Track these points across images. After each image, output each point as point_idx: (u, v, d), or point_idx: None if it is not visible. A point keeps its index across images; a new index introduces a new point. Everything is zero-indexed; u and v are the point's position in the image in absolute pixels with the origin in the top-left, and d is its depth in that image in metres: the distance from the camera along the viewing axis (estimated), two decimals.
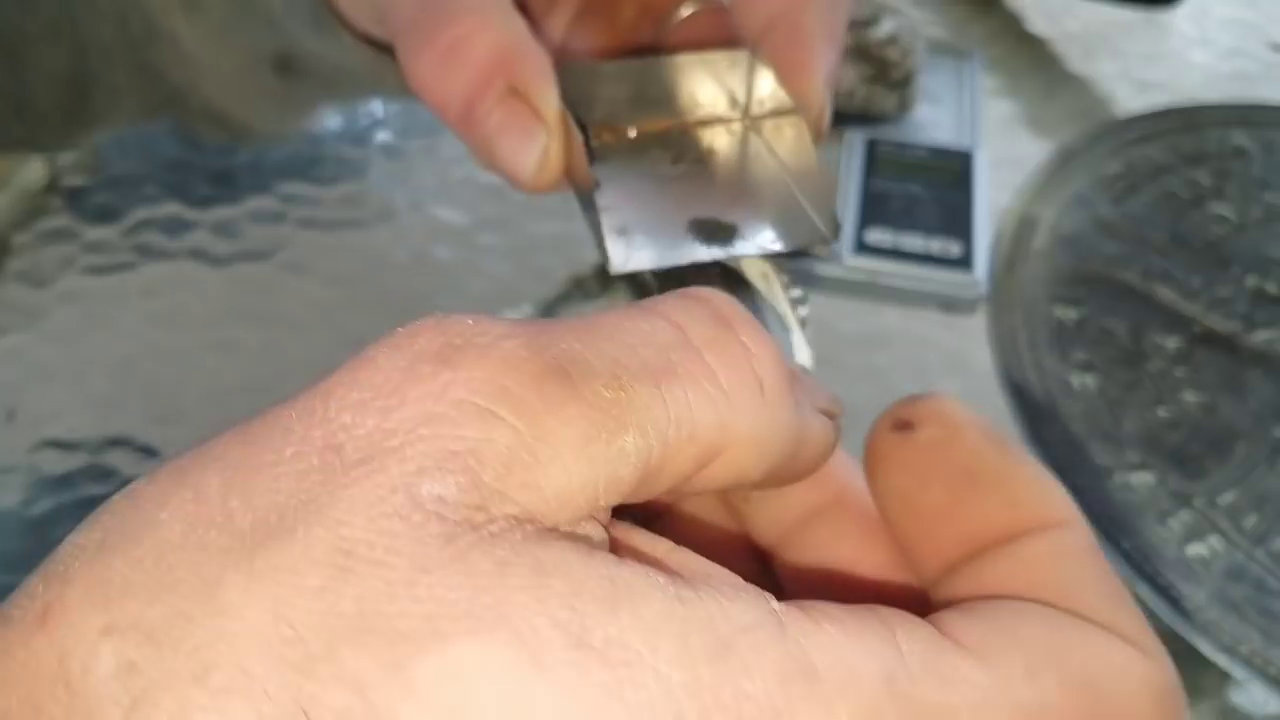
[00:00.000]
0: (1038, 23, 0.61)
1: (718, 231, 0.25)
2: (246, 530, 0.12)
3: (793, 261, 0.47)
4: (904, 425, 0.17)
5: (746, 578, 0.14)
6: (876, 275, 0.46)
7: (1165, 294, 0.46)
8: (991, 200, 0.49)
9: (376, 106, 0.53)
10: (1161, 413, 0.41)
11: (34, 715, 0.12)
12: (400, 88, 0.35)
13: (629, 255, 0.24)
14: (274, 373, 0.42)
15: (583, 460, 0.13)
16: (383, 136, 0.52)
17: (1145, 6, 0.61)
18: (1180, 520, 0.38)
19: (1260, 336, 0.44)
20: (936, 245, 0.46)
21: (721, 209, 0.26)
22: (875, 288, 0.46)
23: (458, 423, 0.13)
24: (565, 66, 0.26)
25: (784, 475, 0.17)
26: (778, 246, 0.25)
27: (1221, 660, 0.34)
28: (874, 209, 0.47)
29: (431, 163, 0.51)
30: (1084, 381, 0.42)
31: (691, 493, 0.16)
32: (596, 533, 0.14)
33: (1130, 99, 0.56)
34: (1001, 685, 0.13)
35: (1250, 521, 0.38)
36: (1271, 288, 0.46)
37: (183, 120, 0.41)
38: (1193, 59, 0.59)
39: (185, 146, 0.50)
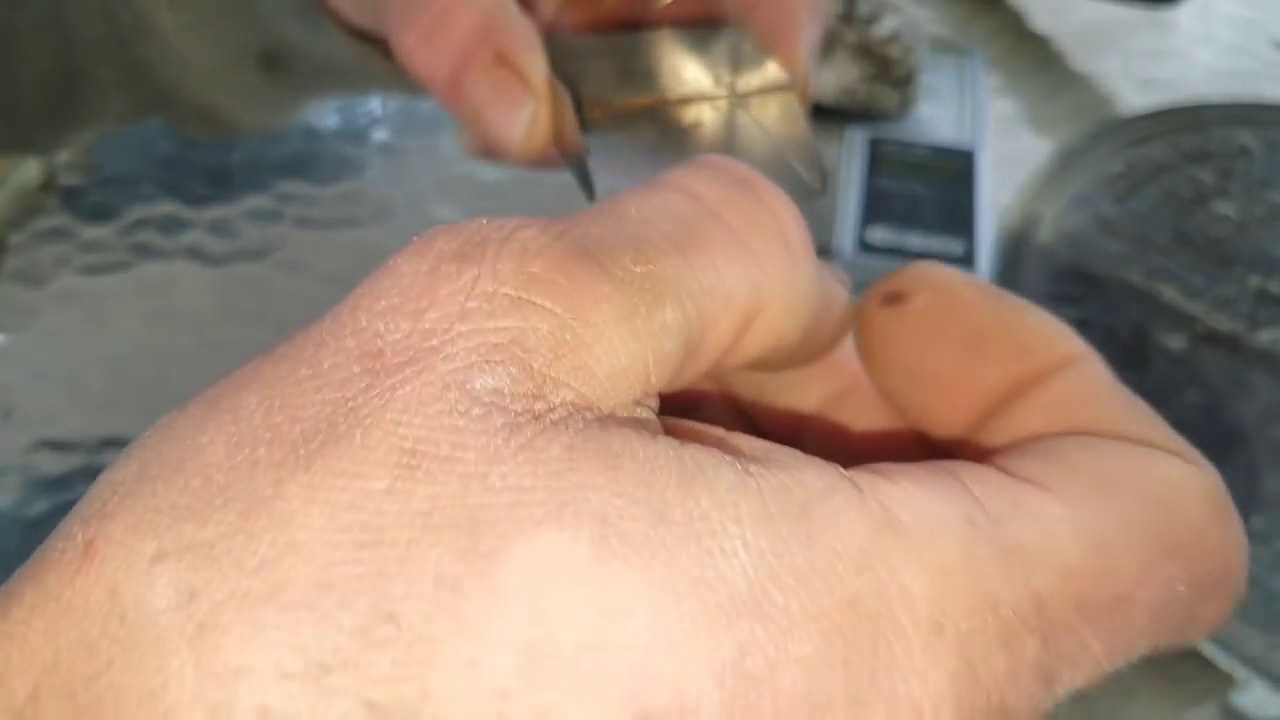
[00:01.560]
0: (1040, 20, 0.60)
1: None
2: (298, 440, 0.12)
3: None
4: (896, 298, 0.17)
5: None
6: (878, 274, 0.45)
7: (1168, 293, 0.45)
8: (993, 199, 0.49)
9: (374, 105, 0.53)
10: (1164, 413, 0.41)
11: (87, 657, 0.11)
12: (388, 81, 0.35)
13: None
14: None
15: (627, 336, 0.13)
16: (380, 135, 0.52)
17: (1148, 5, 0.60)
18: None
19: (1264, 336, 0.44)
20: (938, 244, 0.46)
21: None
22: None
23: (493, 315, 0.12)
24: (553, 41, 0.27)
25: (813, 345, 0.17)
26: None
27: (1223, 662, 0.34)
28: (876, 207, 0.47)
29: (429, 161, 0.51)
30: None
31: (733, 366, 0.15)
32: (651, 418, 0.13)
33: (1133, 97, 0.56)
34: (1078, 512, 0.13)
35: (1252, 522, 0.38)
36: (1275, 287, 0.46)
37: (171, 117, 0.41)
38: (1196, 57, 0.59)
39: (181, 145, 0.50)
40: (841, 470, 0.13)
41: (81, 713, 0.11)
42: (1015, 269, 0.46)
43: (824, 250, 0.45)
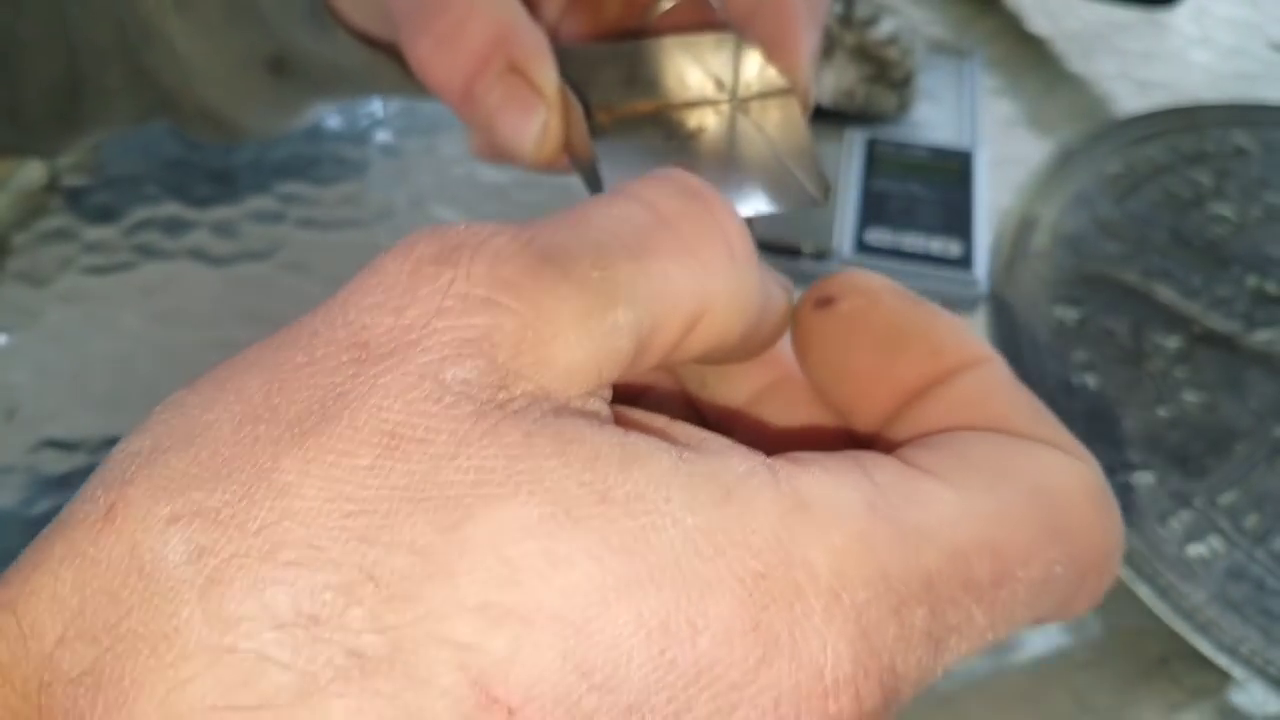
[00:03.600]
0: (1038, 22, 0.61)
1: None
2: (293, 420, 0.13)
3: (791, 260, 0.47)
4: (826, 301, 0.19)
5: None
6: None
7: (1165, 294, 0.46)
8: (992, 200, 0.49)
9: (376, 106, 0.53)
10: (1161, 412, 0.41)
11: (110, 605, 0.13)
12: (395, 86, 0.35)
13: None
14: None
15: (583, 335, 0.14)
16: (382, 136, 0.52)
17: (1145, 6, 0.61)
18: (1180, 520, 0.38)
19: (1260, 336, 0.44)
20: (936, 245, 0.46)
21: (714, 176, 0.27)
22: None
23: (466, 313, 0.14)
24: (560, 49, 0.27)
25: (753, 342, 0.18)
26: (770, 208, 0.26)
27: (1222, 660, 0.34)
28: (874, 209, 0.47)
29: (431, 162, 0.51)
30: (1084, 381, 0.42)
31: (678, 361, 0.17)
32: (602, 408, 0.15)
33: (1130, 98, 0.56)
34: (967, 499, 0.15)
35: (1250, 521, 0.38)
36: (1271, 287, 0.46)
37: (177, 122, 0.41)
38: (1193, 58, 0.59)
39: (185, 147, 0.50)
40: (763, 458, 0.15)
41: (103, 655, 0.12)
42: (1013, 269, 0.46)
43: (823, 252, 0.46)
